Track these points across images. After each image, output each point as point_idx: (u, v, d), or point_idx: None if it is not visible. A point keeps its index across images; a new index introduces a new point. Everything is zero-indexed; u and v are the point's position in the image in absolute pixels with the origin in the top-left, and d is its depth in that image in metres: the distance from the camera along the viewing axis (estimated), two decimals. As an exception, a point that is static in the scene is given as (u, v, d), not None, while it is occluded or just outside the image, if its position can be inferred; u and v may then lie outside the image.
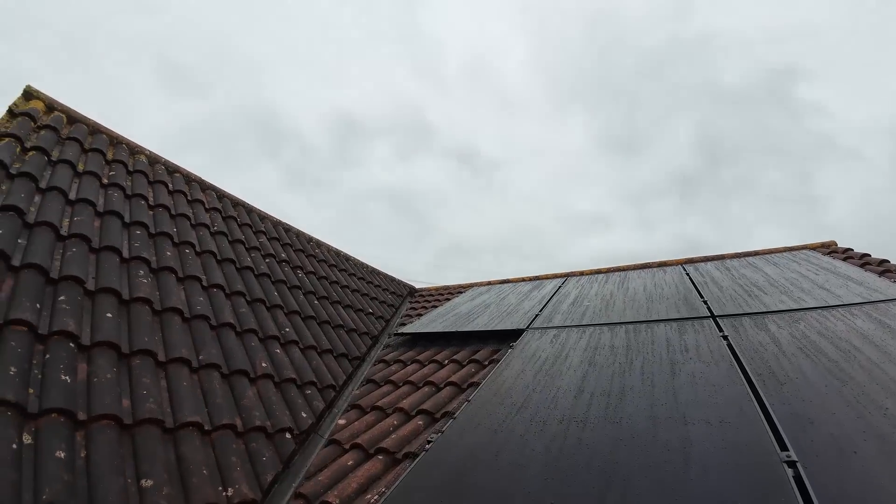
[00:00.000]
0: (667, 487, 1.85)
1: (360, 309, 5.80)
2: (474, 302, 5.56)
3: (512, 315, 4.59)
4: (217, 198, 5.59)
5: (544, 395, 2.73)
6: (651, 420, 2.32)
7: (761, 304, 3.85)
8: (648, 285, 4.92)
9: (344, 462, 2.87)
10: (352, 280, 6.45)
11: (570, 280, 5.95)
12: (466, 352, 4.21)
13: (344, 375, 4.23)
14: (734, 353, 2.99)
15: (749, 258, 5.72)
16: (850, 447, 1.98)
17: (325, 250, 6.70)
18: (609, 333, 3.59)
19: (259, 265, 4.88)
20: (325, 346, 4.42)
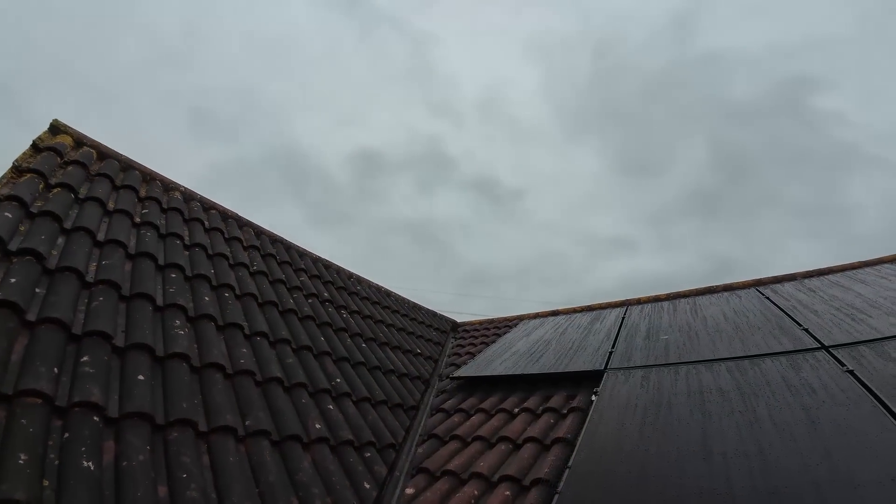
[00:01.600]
0: None
1: (409, 350, 5.40)
2: (530, 338, 5.13)
3: (581, 353, 4.14)
4: (255, 235, 5.29)
5: (664, 460, 2.28)
6: (814, 488, 1.86)
7: (873, 330, 3.36)
8: (728, 313, 4.44)
9: None
10: (396, 318, 6.06)
11: (631, 309, 5.48)
12: (537, 398, 3.76)
13: (402, 430, 3.80)
14: (870, 391, 2.52)
15: (828, 276, 5.21)
16: None
17: (367, 286, 6.34)
18: (709, 373, 3.13)
19: (302, 307, 4.53)
20: (378, 396, 4.00)
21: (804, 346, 3.27)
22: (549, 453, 2.93)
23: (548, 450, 3.02)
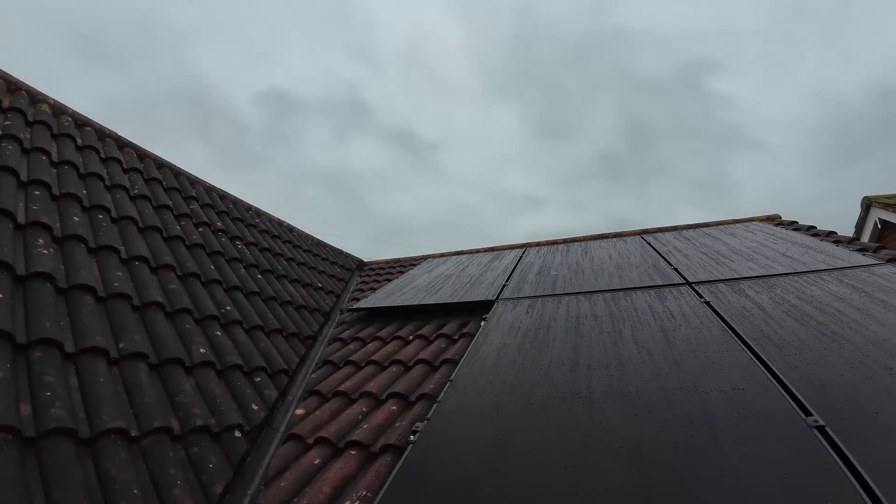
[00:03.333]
0: (707, 464, 1.62)
1: (309, 283, 5.30)
2: (432, 274, 5.23)
3: (477, 286, 4.30)
4: (137, 157, 4.84)
5: (536, 371, 2.46)
6: (662, 392, 2.10)
7: (732, 271, 3.79)
8: (613, 254, 4.79)
9: (309, 461, 2.45)
10: (297, 252, 5.90)
11: (529, 250, 5.75)
12: (432, 326, 3.88)
13: (297, 358, 3.77)
14: (721, 318, 2.86)
15: (704, 229, 5.76)
16: (870, 409, 1.85)
17: (267, 220, 6.08)
18: (587, 302, 3.38)
19: (191, 234, 4.26)
20: (272, 325, 3.92)
21: (672, 281, 3.62)
22: (437, 373, 3.05)
23: (436, 370, 3.14)
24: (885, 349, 2.31)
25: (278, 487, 2.26)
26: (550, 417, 2.03)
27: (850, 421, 1.79)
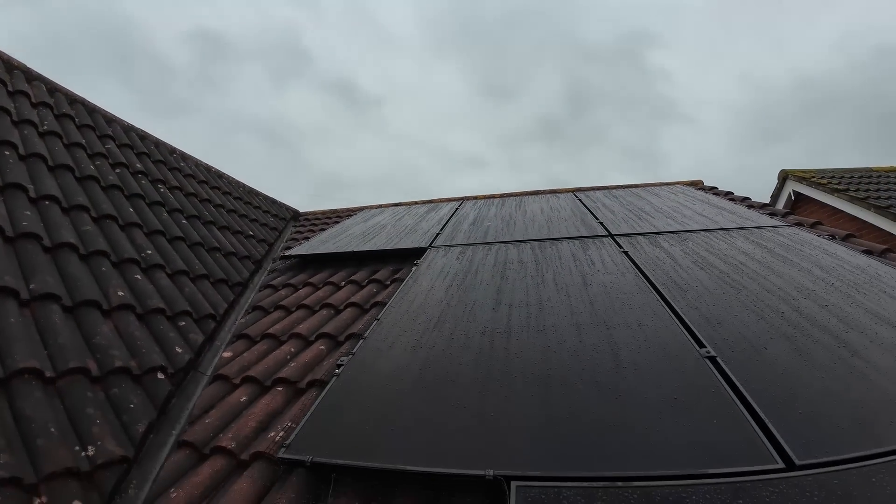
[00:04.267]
0: (606, 386, 1.78)
1: (239, 231, 5.14)
2: (368, 223, 5.21)
3: (411, 234, 4.34)
4: (48, 91, 4.44)
5: (460, 309, 2.55)
6: (574, 327, 2.25)
7: (652, 226, 4.02)
8: (545, 208, 4.95)
9: (236, 399, 2.46)
10: (227, 199, 5.67)
11: (466, 203, 5.84)
12: (365, 272, 3.90)
13: (225, 304, 3.69)
14: (636, 266, 3.06)
15: (632, 189, 6.03)
16: (758, 343, 2.07)
17: (193, 164, 5.77)
18: (515, 250, 3.51)
19: (107, 175, 4.00)
20: (198, 271, 3.80)
21: (596, 233, 3.80)
22: (367, 315, 3.10)
23: (366, 312, 3.19)
24: (777, 295, 2.57)
25: (203, 424, 2.26)
26: (470, 349, 2.13)
27: (739, 353, 2.00)
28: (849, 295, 2.56)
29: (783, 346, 2.03)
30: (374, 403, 1.89)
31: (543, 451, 1.50)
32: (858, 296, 2.55)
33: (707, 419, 1.59)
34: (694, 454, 1.45)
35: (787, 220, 4.33)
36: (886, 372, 1.85)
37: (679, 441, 1.50)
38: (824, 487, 1.33)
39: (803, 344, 2.05)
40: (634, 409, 1.65)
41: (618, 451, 1.48)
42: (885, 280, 2.77)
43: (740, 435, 1.51)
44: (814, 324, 2.24)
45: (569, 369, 1.90)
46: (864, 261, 3.11)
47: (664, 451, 1.46)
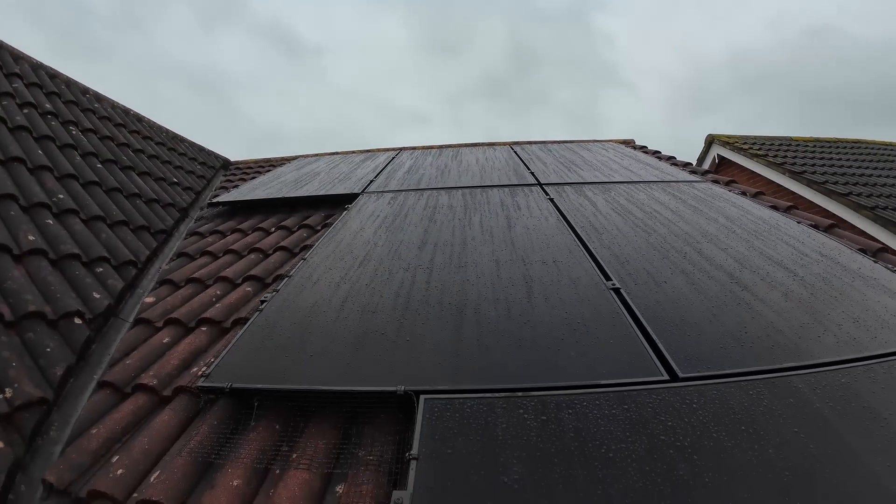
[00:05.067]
0: (516, 313, 1.88)
1: (161, 178, 4.87)
2: (302, 171, 5.09)
3: (345, 181, 4.29)
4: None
5: (387, 249, 2.59)
6: (494, 263, 2.34)
7: (579, 177, 4.17)
8: (481, 159, 5.01)
9: (158, 341, 2.40)
10: (148, 144, 5.34)
11: (403, 152, 5.80)
12: (296, 218, 3.83)
13: (147, 251, 3.54)
14: (560, 211, 3.18)
15: (567, 144, 6.19)
16: (660, 278, 2.24)
17: (109, 106, 5.37)
18: (447, 196, 3.56)
19: (13, 116, 3.68)
20: (116, 217, 3.60)
21: (526, 182, 3.91)
22: (296, 258, 3.07)
23: (295, 256, 3.16)
24: (683, 239, 2.76)
25: (124, 366, 2.21)
26: (393, 284, 2.19)
27: (641, 285, 2.16)
28: (747, 241, 2.79)
29: (681, 280, 2.21)
30: (296, 333, 1.91)
31: (452, 370, 1.59)
32: (756, 241, 2.78)
33: (605, 340, 1.73)
34: (590, 369, 1.58)
35: (705, 178, 4.60)
36: (769, 303, 2.06)
37: (578, 359, 1.63)
38: (703, 396, 1.50)
39: (699, 279, 2.24)
40: (541, 332, 1.77)
41: (521, 368, 1.59)
42: (783, 230, 3.03)
43: (633, 353, 1.66)
44: (711, 263, 2.44)
45: (484, 299, 1.99)
46: (767, 214, 3.38)
47: (563, 368, 1.59)
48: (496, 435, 1.31)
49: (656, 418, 1.37)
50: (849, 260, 2.56)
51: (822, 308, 2.06)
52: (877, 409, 1.51)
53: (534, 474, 1.19)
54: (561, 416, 1.36)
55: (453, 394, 1.47)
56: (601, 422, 1.35)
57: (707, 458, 1.26)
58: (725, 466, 1.24)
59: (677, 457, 1.25)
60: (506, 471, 1.20)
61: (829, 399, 1.53)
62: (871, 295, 2.18)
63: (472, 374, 1.56)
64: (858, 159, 7.42)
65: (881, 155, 7.81)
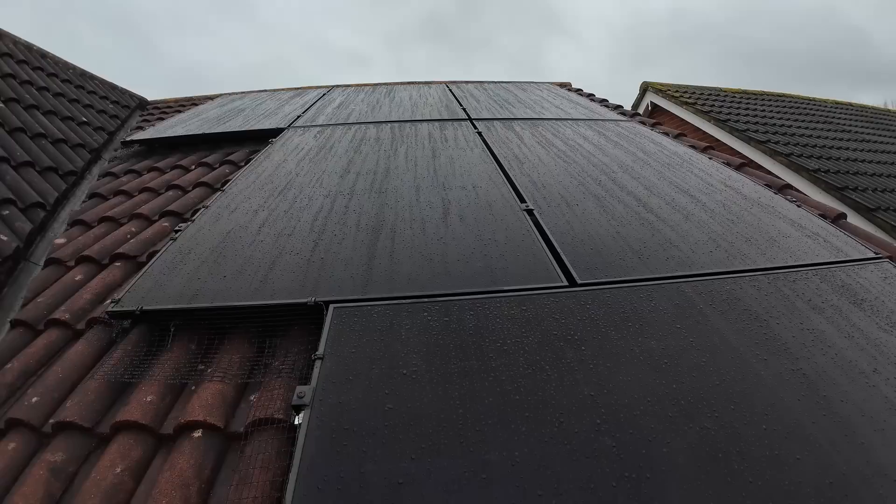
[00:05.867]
0: (430, 231, 1.93)
1: (70, 117, 4.51)
2: (225, 108, 4.84)
3: (271, 117, 4.13)
4: None
5: (308, 178, 2.56)
6: (414, 189, 2.37)
7: (510, 114, 4.21)
8: (414, 96, 4.94)
9: (70, 279, 2.29)
10: (53, 82, 4.89)
11: (335, 90, 5.61)
12: (218, 155, 3.68)
13: (56, 193, 3.32)
14: (486, 143, 3.23)
15: (503, 84, 6.17)
16: (573, 201, 2.35)
17: (11, 42, 4.86)
18: (375, 129, 3.51)
19: None
20: (21, 158, 3.35)
21: (457, 117, 3.91)
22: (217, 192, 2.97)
23: (216, 191, 3.06)
24: (600, 168, 2.87)
25: (36, 304, 2.11)
26: (312, 209, 2.18)
27: (554, 207, 2.26)
28: (660, 172, 2.94)
29: (592, 203, 2.33)
30: (210, 257, 1.89)
31: (364, 282, 1.64)
32: (668, 172, 2.94)
33: (512, 254, 1.82)
34: (496, 278, 1.67)
35: (633, 119, 4.74)
36: (671, 224, 2.21)
37: (485, 270, 1.71)
38: (597, 298, 1.61)
39: (608, 203, 2.36)
40: (452, 248, 1.84)
41: (430, 279, 1.65)
42: (695, 164, 3.20)
43: (537, 264, 1.76)
44: (623, 189, 2.57)
45: (400, 220, 2.03)
46: (683, 150, 3.54)
47: (470, 277, 1.67)
48: (400, 335, 1.37)
49: (551, 317, 1.48)
50: (751, 191, 2.74)
51: (718, 229, 2.23)
52: (756, 311, 1.68)
53: (431, 365, 1.27)
54: (463, 316, 1.45)
55: (362, 302, 1.52)
56: (500, 321, 1.44)
57: (594, 348, 1.38)
58: (610, 353, 1.37)
59: (566, 347, 1.37)
60: (406, 364, 1.28)
61: (712, 302, 1.69)
62: (767, 220, 2.37)
63: (382, 286, 1.61)
64: (781, 111, 7.83)
65: (803, 108, 8.29)
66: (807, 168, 5.36)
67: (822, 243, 2.18)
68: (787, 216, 2.41)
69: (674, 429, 1.15)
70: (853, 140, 6.89)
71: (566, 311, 1.51)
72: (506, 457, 1.04)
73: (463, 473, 1.00)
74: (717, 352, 1.44)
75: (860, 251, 2.16)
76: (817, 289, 1.85)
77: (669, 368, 1.34)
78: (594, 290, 1.66)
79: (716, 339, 1.49)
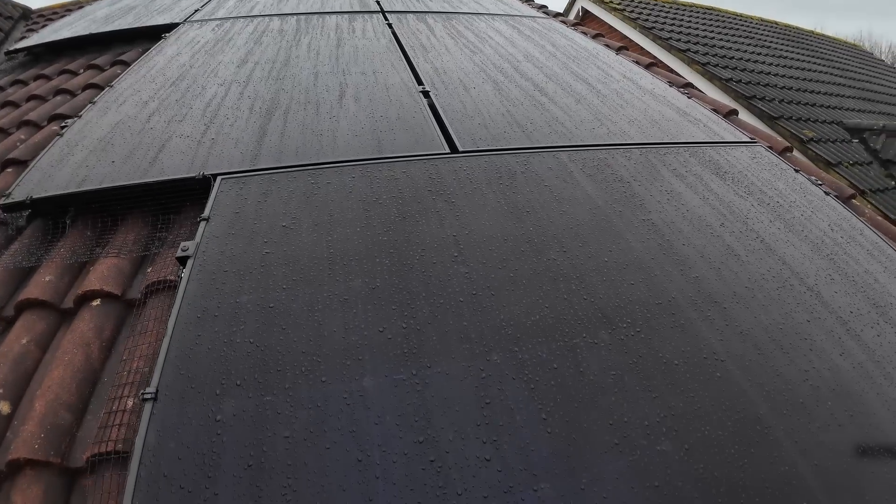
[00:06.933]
0: (324, 111, 1.98)
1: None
2: (115, 7, 4.41)
3: (166, 13, 3.82)
4: None
5: (203, 70, 2.48)
6: (313, 75, 2.36)
7: (425, 7, 4.10)
8: (325, -8, 4.68)
9: None
10: None
11: (240, -13, 5.23)
12: (109, 56, 3.44)
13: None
14: (394, 34, 3.18)
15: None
16: (471, 85, 2.42)
17: None
18: (279, 21, 3.36)
19: None
20: None
21: (369, 9, 3.79)
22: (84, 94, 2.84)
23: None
24: (505, 59, 2.92)
25: None
26: (205, 97, 2.15)
27: (450, 89, 2.33)
28: (565, 64, 3.02)
29: (489, 87, 2.41)
30: (99, 146, 1.87)
31: (252, 157, 1.69)
32: (572, 64, 3.02)
33: (402, 128, 1.90)
34: (382, 148, 1.76)
35: (554, 18, 4.71)
36: (562, 106, 2.33)
37: (372, 142, 1.80)
38: (474, 163, 1.74)
39: (506, 87, 2.45)
40: (343, 125, 1.90)
41: (318, 151, 1.73)
42: (601, 59, 3.27)
43: (424, 135, 1.86)
44: (523, 76, 2.65)
45: (295, 103, 2.05)
46: (594, 47, 3.60)
47: (358, 148, 1.75)
48: (282, 197, 1.46)
49: (427, 177, 1.61)
50: (649, 84, 2.85)
51: (606, 111, 2.37)
52: (622, 175, 1.87)
53: (310, 217, 1.38)
54: (345, 179, 1.55)
55: (249, 173, 1.58)
56: (381, 182, 1.55)
57: (463, 200, 1.52)
58: (477, 204, 1.52)
59: (438, 199, 1.51)
60: (286, 218, 1.38)
61: (583, 167, 1.86)
62: (655, 107, 2.51)
63: (271, 159, 1.67)
64: (707, 24, 7.99)
65: (729, 23, 8.49)
66: (720, 77, 5.58)
67: (702, 128, 2.38)
68: (677, 105, 2.57)
69: (522, 259, 1.33)
70: (770, 55, 7.18)
71: (443, 172, 1.64)
72: (367, 283, 1.18)
73: (327, 297, 1.14)
74: (577, 204, 1.62)
75: (737, 136, 2.37)
76: (685, 161, 2.06)
77: (529, 216, 1.51)
78: (473, 156, 1.78)
79: (578, 193, 1.67)
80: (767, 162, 2.19)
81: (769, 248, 1.65)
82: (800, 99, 5.78)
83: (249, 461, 0.87)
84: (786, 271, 1.57)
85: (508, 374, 1.03)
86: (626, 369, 1.12)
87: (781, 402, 1.19)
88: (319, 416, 0.92)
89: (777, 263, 1.59)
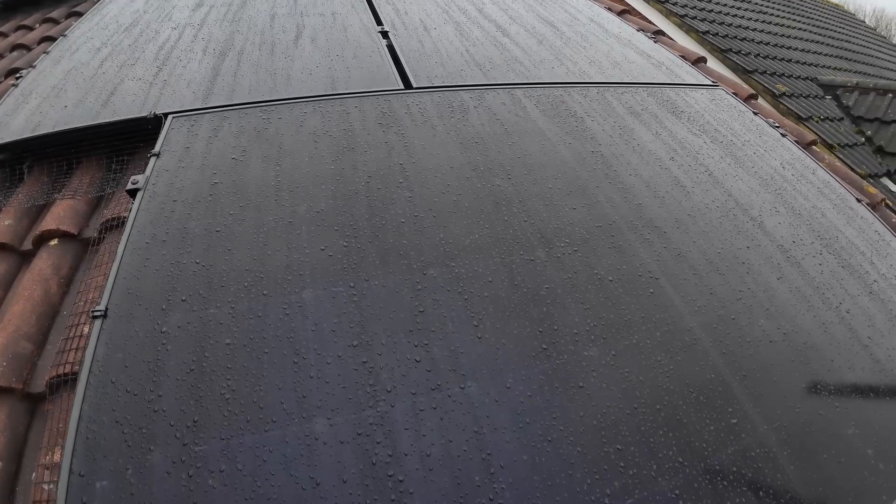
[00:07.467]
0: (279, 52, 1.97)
1: None
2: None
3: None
4: None
5: (156, 15, 2.42)
6: (270, 17, 2.33)
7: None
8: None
9: None
10: None
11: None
12: (64, 9, 3.34)
13: None
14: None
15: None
16: (431, 26, 2.39)
17: None
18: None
19: None
20: None
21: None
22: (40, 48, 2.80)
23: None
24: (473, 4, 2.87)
25: None
26: (158, 41, 2.12)
27: (409, 29, 2.31)
28: (531, 7, 2.97)
29: (451, 28, 2.39)
30: (52, 93, 1.85)
31: (204, 95, 1.69)
32: (539, 8, 2.97)
33: (357, 66, 1.90)
34: (336, 86, 1.76)
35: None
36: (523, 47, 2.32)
37: (328, 80, 1.80)
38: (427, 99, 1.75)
39: (468, 28, 2.43)
40: (298, 64, 1.89)
41: (271, 89, 1.73)
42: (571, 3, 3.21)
43: (379, 73, 1.87)
44: (487, 19, 2.62)
45: (250, 44, 2.03)
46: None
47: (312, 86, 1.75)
48: (233, 133, 1.48)
49: (380, 111, 1.62)
50: (617, 29, 2.82)
51: (568, 52, 2.37)
52: (576, 111, 1.89)
53: (261, 149, 1.40)
54: (296, 115, 1.56)
55: (200, 111, 1.58)
56: (332, 117, 1.57)
57: (415, 134, 1.55)
58: (427, 137, 1.54)
59: (389, 132, 1.53)
60: (236, 151, 1.40)
61: (538, 104, 1.88)
62: (619, 50, 2.50)
63: (223, 97, 1.67)
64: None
65: None
66: (696, 29, 5.50)
67: (664, 71, 2.38)
68: (642, 49, 2.56)
69: (466, 185, 1.38)
70: (751, 10, 7.06)
71: (395, 107, 1.65)
72: (312, 207, 1.22)
73: (273, 221, 1.18)
74: (527, 136, 1.65)
75: (699, 80, 2.38)
76: (642, 101, 2.08)
77: (478, 146, 1.54)
78: (427, 92, 1.80)
79: (529, 126, 1.70)
80: (727, 104, 2.21)
81: (717, 181, 1.70)
82: (776, 54, 5.74)
83: (192, 366, 0.92)
84: (730, 202, 1.63)
85: (444, 286, 1.09)
86: (559, 283, 1.18)
87: (714, 317, 1.26)
88: (259, 326, 0.98)
89: (723, 195, 1.64)
